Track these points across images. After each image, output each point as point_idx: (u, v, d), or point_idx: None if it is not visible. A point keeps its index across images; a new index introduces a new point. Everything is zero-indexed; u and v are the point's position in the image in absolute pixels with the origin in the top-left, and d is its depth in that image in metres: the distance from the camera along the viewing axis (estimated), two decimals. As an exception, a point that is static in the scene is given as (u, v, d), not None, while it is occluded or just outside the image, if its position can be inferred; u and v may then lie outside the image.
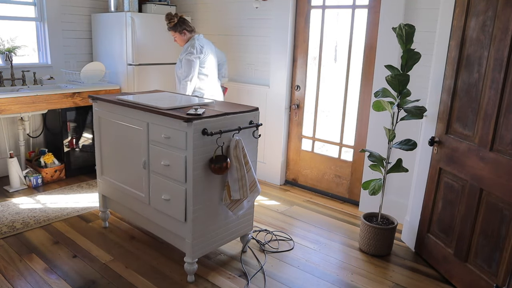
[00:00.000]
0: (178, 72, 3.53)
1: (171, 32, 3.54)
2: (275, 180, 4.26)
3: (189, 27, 3.53)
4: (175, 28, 3.49)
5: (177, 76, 3.56)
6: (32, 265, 2.59)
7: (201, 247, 2.48)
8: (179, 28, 3.48)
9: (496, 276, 2.21)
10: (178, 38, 3.54)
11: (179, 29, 3.49)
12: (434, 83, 2.77)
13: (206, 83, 3.55)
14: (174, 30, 3.50)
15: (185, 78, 3.42)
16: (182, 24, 3.49)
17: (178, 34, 3.51)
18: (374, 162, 2.89)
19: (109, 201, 3.10)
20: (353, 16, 3.54)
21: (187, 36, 3.53)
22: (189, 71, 3.41)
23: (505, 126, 2.15)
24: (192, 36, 3.55)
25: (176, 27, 3.48)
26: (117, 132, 2.79)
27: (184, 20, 3.52)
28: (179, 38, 3.54)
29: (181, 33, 3.51)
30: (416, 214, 2.94)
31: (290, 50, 3.94)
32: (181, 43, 3.57)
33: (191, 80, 3.42)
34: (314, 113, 3.97)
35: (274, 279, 2.56)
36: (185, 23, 3.51)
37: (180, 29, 3.49)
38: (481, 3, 2.32)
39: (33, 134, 4.24)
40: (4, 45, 4.03)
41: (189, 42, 3.50)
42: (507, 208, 2.14)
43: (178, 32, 3.50)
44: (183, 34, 3.51)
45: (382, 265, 2.78)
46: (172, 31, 3.51)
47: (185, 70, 3.42)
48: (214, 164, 2.33)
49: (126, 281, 2.48)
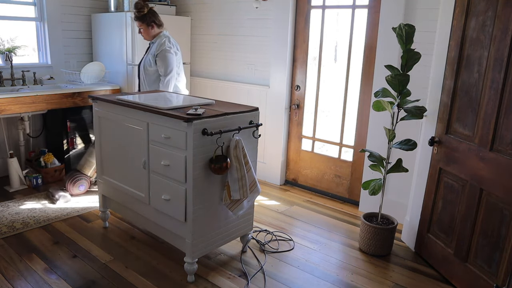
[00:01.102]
0: (149, 69, 3.38)
1: (138, 23, 3.33)
2: (275, 180, 4.26)
3: (158, 21, 3.36)
4: (144, 19, 3.29)
5: (147, 75, 3.41)
6: (32, 265, 2.59)
7: (201, 247, 2.48)
8: (148, 20, 3.30)
9: (496, 276, 2.21)
10: (144, 30, 3.35)
11: (147, 21, 3.30)
12: (434, 83, 2.77)
13: (180, 83, 3.51)
14: (142, 21, 3.30)
15: (169, 74, 3.31)
16: (152, 16, 3.31)
17: (145, 26, 3.32)
18: (374, 162, 2.89)
19: (109, 201, 3.10)
20: (353, 16, 3.54)
21: (154, 30, 3.35)
22: (171, 66, 3.30)
23: (505, 126, 2.15)
24: (160, 32, 3.39)
25: (145, 18, 3.29)
26: (117, 132, 2.79)
27: (155, 12, 3.35)
28: (145, 31, 3.35)
29: (149, 26, 3.32)
30: (416, 214, 2.94)
31: (290, 50, 3.94)
32: (146, 36, 3.39)
33: (174, 76, 3.34)
34: (314, 113, 3.97)
35: (274, 279, 2.56)
36: (155, 16, 3.34)
37: (148, 21, 3.30)
38: (481, 3, 2.32)
39: (33, 134, 4.24)
40: (4, 45, 4.03)
41: (161, 37, 3.36)
42: (507, 208, 2.14)
43: (146, 23, 3.31)
44: (151, 27, 3.33)
45: (382, 265, 2.78)
46: (140, 21, 3.31)
47: (167, 65, 3.29)
48: (214, 164, 2.33)
49: (126, 281, 2.48)
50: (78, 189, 3.68)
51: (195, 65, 4.79)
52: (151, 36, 3.39)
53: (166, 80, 3.34)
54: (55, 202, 3.52)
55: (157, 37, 3.40)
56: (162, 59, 3.31)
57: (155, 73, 3.41)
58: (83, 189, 3.72)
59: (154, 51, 3.35)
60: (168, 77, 3.34)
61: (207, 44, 4.61)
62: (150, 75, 3.42)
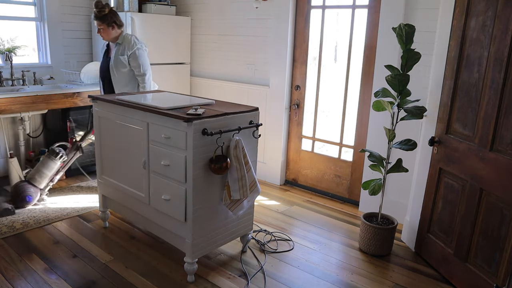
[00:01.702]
0: (123, 70, 3.33)
1: (98, 22, 3.23)
2: (275, 180, 4.26)
3: (119, 21, 3.30)
4: (105, 19, 3.21)
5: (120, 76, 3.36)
6: (32, 265, 2.59)
7: (201, 247, 2.48)
8: (108, 20, 3.22)
9: (496, 276, 2.21)
10: (104, 30, 3.26)
11: (108, 21, 3.22)
12: (434, 83, 2.77)
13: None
14: (103, 21, 3.22)
15: (146, 71, 3.32)
16: (113, 16, 3.24)
17: (105, 26, 3.23)
18: (374, 162, 2.89)
19: (109, 201, 3.10)
20: (353, 16, 3.54)
21: (115, 30, 3.28)
22: (147, 63, 3.31)
23: (505, 126, 2.15)
24: (121, 32, 3.34)
25: (106, 18, 3.21)
26: (117, 132, 2.79)
27: (115, 13, 3.29)
28: (105, 31, 3.27)
29: (110, 26, 3.24)
30: (416, 214, 2.94)
31: (290, 50, 3.94)
32: (106, 37, 3.31)
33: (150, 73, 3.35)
34: (314, 113, 3.97)
35: (274, 279, 2.56)
36: (116, 16, 3.27)
37: (109, 21, 3.23)
38: (481, 3, 2.32)
39: (33, 134, 4.24)
40: (4, 45, 4.04)
41: (127, 37, 3.32)
42: (507, 208, 2.14)
43: (106, 24, 3.22)
44: (111, 27, 3.25)
45: (382, 265, 2.78)
46: (100, 21, 3.22)
47: (143, 63, 3.30)
48: (214, 164, 2.33)
49: (126, 281, 2.48)
50: (25, 201, 3.38)
51: (195, 65, 4.79)
52: (111, 37, 3.32)
53: (146, 78, 3.34)
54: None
55: (121, 37, 3.33)
56: (138, 58, 3.30)
57: (129, 73, 3.37)
58: (30, 201, 3.40)
59: (125, 52, 3.31)
60: (148, 75, 3.35)
61: (207, 44, 4.61)
62: (124, 76, 3.37)
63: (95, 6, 3.21)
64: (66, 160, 3.61)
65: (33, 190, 3.44)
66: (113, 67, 3.35)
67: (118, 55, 3.33)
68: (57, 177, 3.59)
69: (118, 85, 3.40)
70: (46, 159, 3.50)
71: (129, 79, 3.40)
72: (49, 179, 3.51)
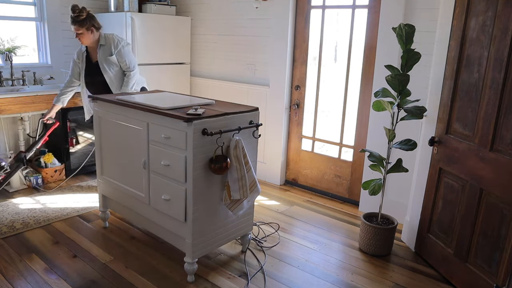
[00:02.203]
0: (116, 69, 3.33)
1: (75, 27, 3.15)
2: (275, 180, 4.26)
3: (97, 24, 3.24)
4: (83, 23, 3.14)
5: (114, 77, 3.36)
6: (32, 265, 2.59)
7: (201, 247, 2.48)
8: (87, 24, 3.16)
9: (496, 276, 2.21)
10: (83, 35, 3.19)
11: (87, 25, 3.16)
12: (434, 83, 2.77)
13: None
14: (81, 25, 3.14)
15: (133, 67, 3.34)
16: (91, 19, 3.19)
17: (84, 30, 3.16)
18: (374, 162, 2.89)
19: (109, 201, 3.10)
20: (353, 16, 3.54)
21: (94, 34, 3.24)
22: (134, 58, 3.34)
23: (505, 126, 2.15)
24: (99, 34, 3.29)
25: (85, 22, 3.14)
26: (117, 132, 2.79)
27: (93, 16, 3.22)
28: (84, 36, 3.20)
29: (89, 30, 3.19)
30: (416, 214, 2.94)
31: (290, 50, 3.94)
32: (85, 41, 3.24)
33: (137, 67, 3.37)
34: (314, 113, 3.97)
35: (274, 279, 2.56)
36: (94, 20, 3.22)
37: (88, 25, 3.17)
38: (481, 3, 2.32)
39: (33, 134, 4.24)
40: (4, 45, 4.04)
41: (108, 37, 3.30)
42: (507, 208, 2.14)
43: (85, 28, 3.16)
44: (90, 31, 3.20)
45: (382, 265, 2.78)
46: (78, 26, 3.14)
47: (131, 61, 3.33)
48: (214, 164, 2.33)
49: (126, 281, 2.48)
50: None
51: (195, 65, 4.79)
52: (91, 41, 3.26)
53: (133, 73, 3.35)
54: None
55: (102, 38, 3.30)
56: (124, 55, 3.31)
57: (120, 71, 3.40)
58: None
59: (112, 51, 3.29)
60: (135, 69, 3.37)
61: (207, 44, 4.61)
62: (118, 75, 3.39)
63: (72, 10, 3.12)
64: (8, 172, 3.47)
65: None
66: (106, 69, 3.33)
67: (106, 56, 3.30)
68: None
69: (114, 85, 3.40)
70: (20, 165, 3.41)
71: (120, 76, 3.42)
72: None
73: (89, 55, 3.41)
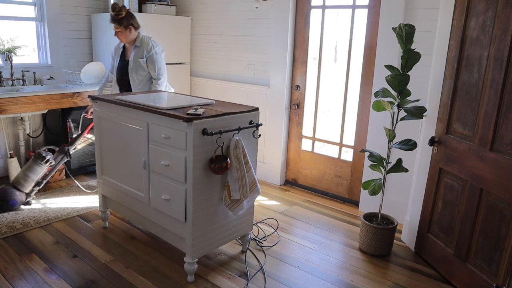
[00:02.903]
0: (143, 74, 3.34)
1: (115, 25, 3.23)
2: (275, 180, 4.26)
3: (136, 23, 3.29)
4: (121, 22, 3.20)
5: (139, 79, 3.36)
6: (32, 265, 2.59)
7: (201, 247, 2.48)
8: (125, 22, 3.22)
9: (496, 276, 2.21)
10: (122, 33, 3.26)
11: (125, 24, 3.22)
12: (434, 83, 2.77)
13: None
14: (120, 23, 3.21)
15: (162, 75, 3.32)
16: (129, 18, 3.24)
17: (123, 28, 3.23)
18: (374, 162, 2.90)
19: (109, 201, 3.10)
20: (353, 16, 3.54)
21: (132, 33, 3.28)
22: (164, 67, 3.29)
23: (505, 126, 2.15)
24: (138, 34, 3.33)
25: (123, 21, 3.20)
26: (117, 132, 2.79)
27: (132, 15, 3.27)
28: (123, 34, 3.26)
29: (127, 29, 3.24)
30: (416, 214, 2.94)
31: (290, 50, 3.94)
32: (124, 39, 3.31)
33: (166, 77, 3.34)
34: (314, 113, 3.97)
35: (274, 279, 2.56)
36: (133, 19, 3.27)
37: (126, 24, 3.22)
38: (481, 3, 2.32)
39: (33, 134, 4.24)
40: (4, 45, 4.04)
41: (144, 40, 3.32)
42: (507, 208, 2.14)
43: (123, 26, 3.22)
44: (128, 30, 3.25)
45: (382, 265, 2.78)
46: (117, 24, 3.22)
47: (160, 67, 3.29)
48: (214, 164, 2.33)
49: (126, 281, 2.48)
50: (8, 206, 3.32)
51: (195, 65, 4.79)
52: (129, 39, 3.32)
53: (160, 82, 3.34)
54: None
55: (139, 40, 3.33)
56: (155, 62, 3.30)
57: (147, 76, 3.39)
58: (15, 205, 3.33)
59: (143, 55, 3.31)
60: (163, 78, 3.35)
61: (207, 44, 4.62)
62: (143, 79, 3.39)
63: (112, 9, 3.21)
64: (53, 165, 3.55)
65: (18, 194, 3.36)
66: (133, 70, 3.35)
67: (138, 58, 3.32)
68: (44, 181, 3.54)
69: (136, 88, 3.41)
70: (32, 163, 3.43)
71: (146, 81, 3.41)
72: (34, 183, 3.44)
73: (125, 52, 3.45)
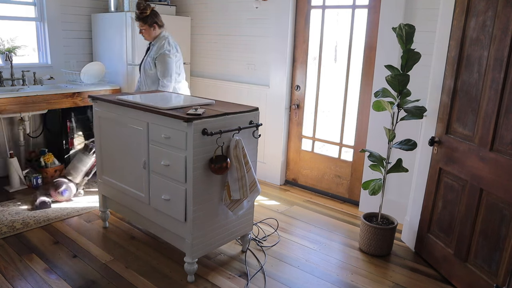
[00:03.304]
0: (150, 72, 3.37)
1: (139, 23, 3.31)
2: (275, 180, 4.26)
3: (160, 21, 3.36)
4: (146, 20, 3.28)
5: (147, 76, 3.41)
6: (32, 265, 2.59)
7: (201, 247, 2.48)
8: (150, 20, 3.29)
9: (496, 276, 2.21)
10: (146, 31, 3.33)
11: (149, 22, 3.29)
12: (434, 83, 2.77)
13: (181, 83, 3.49)
14: (144, 22, 3.29)
15: (166, 76, 3.31)
16: (154, 17, 3.30)
17: (147, 26, 3.30)
18: (374, 162, 2.89)
19: (109, 201, 3.10)
20: (353, 16, 3.54)
21: (156, 31, 3.35)
22: (170, 69, 3.30)
23: (505, 126, 2.15)
24: (161, 32, 3.38)
25: (147, 19, 3.28)
26: (117, 132, 2.79)
27: (157, 13, 3.34)
28: (147, 32, 3.34)
29: (151, 27, 3.31)
30: (416, 214, 2.94)
31: (290, 50, 3.94)
32: (148, 37, 3.38)
33: (172, 79, 3.33)
34: (314, 113, 3.97)
35: (274, 279, 2.56)
36: (157, 17, 3.33)
37: (150, 22, 3.29)
38: (481, 3, 2.32)
39: (33, 134, 4.24)
40: (4, 45, 4.03)
41: (161, 39, 3.36)
42: (507, 208, 2.14)
43: (148, 24, 3.29)
44: (153, 28, 3.32)
45: (382, 265, 2.78)
46: (142, 22, 3.30)
47: (166, 68, 3.29)
48: (214, 164, 2.33)
49: (126, 281, 2.48)
50: (61, 195, 3.50)
51: (195, 65, 4.79)
52: (153, 37, 3.38)
53: (164, 83, 3.33)
54: (35, 209, 3.35)
55: (157, 38, 3.38)
56: (161, 63, 3.30)
57: (155, 75, 3.41)
58: (66, 195, 3.52)
59: (153, 54, 3.34)
60: (166, 80, 3.33)
61: (207, 44, 4.62)
62: (150, 77, 3.42)
63: (137, 7, 3.28)
64: None
65: (70, 185, 3.57)
66: (142, 67, 3.43)
67: (148, 56, 3.38)
68: (93, 171, 3.65)
69: (146, 84, 3.45)
70: (80, 154, 3.63)
71: (154, 80, 3.43)
72: (84, 174, 3.62)
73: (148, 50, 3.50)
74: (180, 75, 3.49)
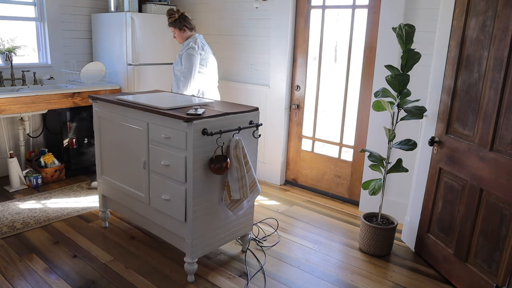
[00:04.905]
0: (176, 69, 3.44)
1: (171, 28, 3.47)
2: (275, 180, 4.26)
3: (189, 24, 3.46)
4: (175, 24, 3.42)
5: (175, 74, 3.49)
6: (32, 265, 2.59)
7: (201, 247, 2.48)
8: (179, 24, 3.41)
9: (496, 276, 2.21)
10: (178, 34, 3.48)
11: (179, 26, 3.42)
12: (434, 83, 2.77)
13: (205, 84, 3.49)
14: (174, 26, 3.43)
15: (187, 74, 3.33)
16: (182, 20, 3.43)
17: (178, 30, 3.45)
18: (374, 162, 2.89)
19: (109, 201, 3.10)
20: (353, 16, 3.54)
21: (187, 33, 3.46)
22: (190, 67, 3.32)
23: (505, 126, 2.15)
24: (192, 35, 3.50)
25: (176, 23, 3.41)
26: (117, 132, 2.79)
27: (185, 17, 3.45)
28: (178, 35, 3.48)
29: (181, 30, 3.44)
30: (416, 214, 2.94)
31: (290, 50, 3.94)
32: (180, 40, 3.51)
33: (193, 77, 3.34)
34: (314, 113, 3.97)
35: (274, 279, 2.56)
36: (186, 20, 3.45)
37: (180, 26, 3.42)
38: (481, 3, 2.32)
39: (33, 134, 4.24)
40: (4, 45, 4.03)
41: (189, 39, 3.45)
42: (507, 208, 2.14)
43: (178, 28, 3.43)
44: (183, 31, 3.44)
45: (382, 265, 2.78)
46: (172, 27, 3.44)
47: (186, 66, 3.33)
48: (214, 164, 2.33)
49: (126, 281, 2.48)
50: None
51: (195, 65, 4.78)
52: (185, 39, 3.48)
53: (184, 79, 3.36)
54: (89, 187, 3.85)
55: (187, 39, 3.47)
56: (184, 59, 3.37)
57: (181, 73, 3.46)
58: None
59: (180, 52, 3.43)
60: (186, 76, 3.35)
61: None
62: (177, 75, 3.46)
63: (167, 14, 3.42)
64: None
65: None
66: (174, 66, 3.49)
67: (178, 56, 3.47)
68: None
69: (175, 84, 3.49)
70: None
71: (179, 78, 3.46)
72: None
73: None
74: (204, 74, 3.46)
